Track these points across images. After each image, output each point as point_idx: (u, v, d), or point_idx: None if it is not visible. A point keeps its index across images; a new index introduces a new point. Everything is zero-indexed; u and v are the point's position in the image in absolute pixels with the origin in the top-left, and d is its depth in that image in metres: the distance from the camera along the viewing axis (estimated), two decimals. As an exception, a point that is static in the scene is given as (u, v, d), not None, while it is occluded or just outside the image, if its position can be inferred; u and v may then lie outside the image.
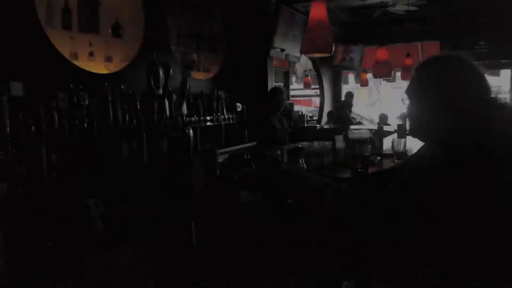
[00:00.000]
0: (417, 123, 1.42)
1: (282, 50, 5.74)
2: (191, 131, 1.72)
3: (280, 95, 4.50)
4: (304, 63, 9.77)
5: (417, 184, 1.28)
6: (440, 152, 1.27)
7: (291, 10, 5.69)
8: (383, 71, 5.86)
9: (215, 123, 4.37)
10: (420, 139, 1.45)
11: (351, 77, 11.25)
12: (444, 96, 1.31)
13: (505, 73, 7.92)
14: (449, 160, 1.21)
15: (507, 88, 7.62)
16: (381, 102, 13.20)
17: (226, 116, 4.54)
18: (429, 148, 1.41)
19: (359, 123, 8.79)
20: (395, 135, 4.16)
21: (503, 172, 1.17)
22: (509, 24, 6.88)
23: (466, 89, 1.30)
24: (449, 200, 1.17)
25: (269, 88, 5.38)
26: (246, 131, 4.70)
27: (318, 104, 9.51)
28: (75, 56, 3.37)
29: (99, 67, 3.56)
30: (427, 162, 1.33)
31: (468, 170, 1.17)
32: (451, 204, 1.17)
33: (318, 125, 7.83)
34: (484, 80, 1.32)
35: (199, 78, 4.72)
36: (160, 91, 3.57)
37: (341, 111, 7.91)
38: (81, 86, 3.02)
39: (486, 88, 1.31)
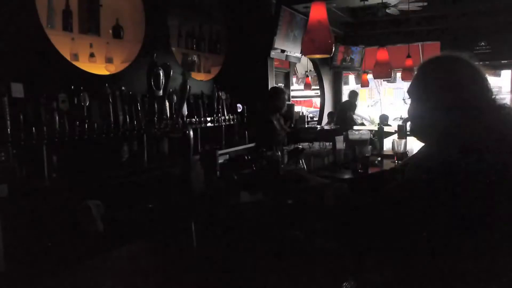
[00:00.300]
0: (418, 123, 1.42)
1: (283, 51, 5.75)
2: (191, 132, 1.73)
3: (281, 95, 4.50)
4: (304, 63, 9.78)
5: (417, 185, 1.28)
6: (440, 153, 1.27)
7: (292, 11, 5.70)
8: (383, 72, 5.85)
9: (215, 124, 4.37)
10: (421, 139, 1.45)
11: (351, 77, 11.26)
12: (445, 96, 1.30)
13: (505, 73, 7.92)
14: (449, 161, 1.21)
15: (508, 89, 7.62)
16: (382, 103, 13.20)
17: (227, 117, 4.54)
18: (429, 148, 1.41)
19: (362, 124, 8.66)
20: (395, 136, 4.16)
21: (504, 174, 1.17)
22: (509, 25, 6.89)
23: (467, 90, 1.29)
24: (448, 202, 1.17)
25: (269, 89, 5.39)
26: (246, 132, 4.70)
27: (318, 105, 9.51)
28: (76, 57, 3.38)
29: (99, 68, 3.57)
30: (427, 163, 1.33)
31: (468, 172, 1.17)
32: (450, 206, 1.17)
33: (318, 126, 7.83)
34: (485, 80, 1.32)
35: (200, 79, 4.73)
36: (160, 92, 3.58)
37: (344, 111, 7.71)
38: (81, 87, 3.03)
39: (487, 89, 1.31)
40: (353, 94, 8.07)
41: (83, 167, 2.98)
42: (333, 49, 2.89)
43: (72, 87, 2.99)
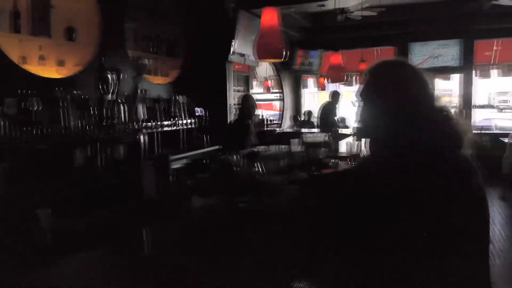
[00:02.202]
0: (366, 126, 1.46)
1: (242, 54, 5.76)
2: (141, 137, 1.70)
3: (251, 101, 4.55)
4: (265, 67, 9.84)
5: (364, 187, 1.31)
6: (385, 155, 1.31)
7: (250, 14, 5.71)
8: (337, 76, 6.01)
9: (173, 128, 4.31)
10: (369, 140, 1.48)
11: (310, 81, 11.39)
12: (389, 100, 1.35)
13: (455, 77, 8.26)
14: (393, 162, 1.25)
15: (458, 92, 7.96)
16: (339, 105, 13.41)
17: (186, 121, 4.50)
18: (376, 150, 1.45)
19: (346, 127, 8.17)
20: (351, 138, 4.26)
21: (447, 176, 1.21)
22: (456, 31, 7.26)
23: (409, 93, 1.34)
24: (394, 203, 1.20)
25: (228, 93, 5.40)
26: (207, 136, 4.67)
27: (278, 108, 9.57)
28: (25, 60, 3.25)
29: (50, 72, 3.45)
30: (374, 165, 1.36)
31: (413, 173, 1.20)
32: (396, 207, 1.20)
33: (278, 129, 7.87)
34: (427, 85, 1.37)
35: (157, 82, 4.66)
36: (110, 96, 3.47)
37: (327, 115, 7.45)
38: (30, 92, 2.91)
39: (429, 92, 1.36)
40: (334, 95, 7.74)
41: (32, 175, 2.86)
42: (286, 54, 2.90)
43: (20, 91, 2.87)
